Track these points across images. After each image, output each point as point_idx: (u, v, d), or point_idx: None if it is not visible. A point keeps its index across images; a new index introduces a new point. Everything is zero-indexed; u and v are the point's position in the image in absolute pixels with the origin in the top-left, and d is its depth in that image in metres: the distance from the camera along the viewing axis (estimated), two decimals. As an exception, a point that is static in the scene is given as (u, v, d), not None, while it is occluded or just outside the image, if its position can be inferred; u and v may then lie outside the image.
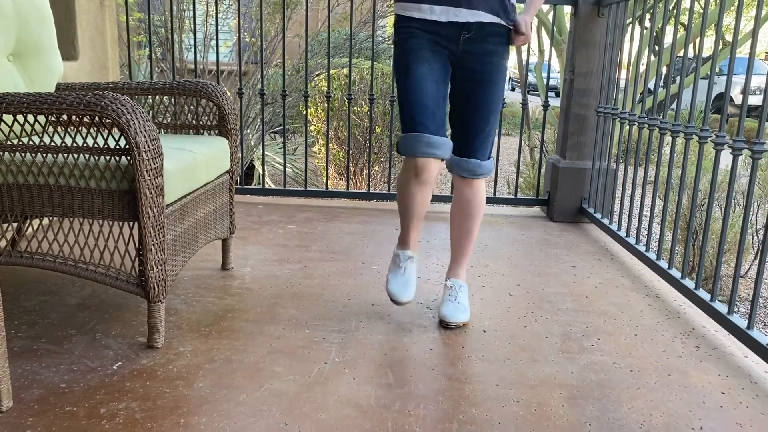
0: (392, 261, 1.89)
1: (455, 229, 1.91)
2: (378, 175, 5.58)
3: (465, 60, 1.72)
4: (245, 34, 6.63)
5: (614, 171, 2.81)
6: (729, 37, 14.15)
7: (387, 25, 9.15)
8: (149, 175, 1.50)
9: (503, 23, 1.71)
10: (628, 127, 2.61)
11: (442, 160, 1.72)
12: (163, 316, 1.62)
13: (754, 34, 1.77)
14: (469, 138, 1.78)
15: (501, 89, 1.76)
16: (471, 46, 1.70)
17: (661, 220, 2.27)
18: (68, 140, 1.53)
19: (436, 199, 3.21)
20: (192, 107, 2.11)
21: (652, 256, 2.31)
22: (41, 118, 1.83)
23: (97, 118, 1.48)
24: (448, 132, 1.77)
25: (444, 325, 1.83)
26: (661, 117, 2.27)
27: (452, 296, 1.88)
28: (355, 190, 3.38)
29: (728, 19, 13.95)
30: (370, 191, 3.34)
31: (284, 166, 3.29)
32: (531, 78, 15.15)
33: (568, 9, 3.27)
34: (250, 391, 1.45)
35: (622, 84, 2.76)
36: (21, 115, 1.54)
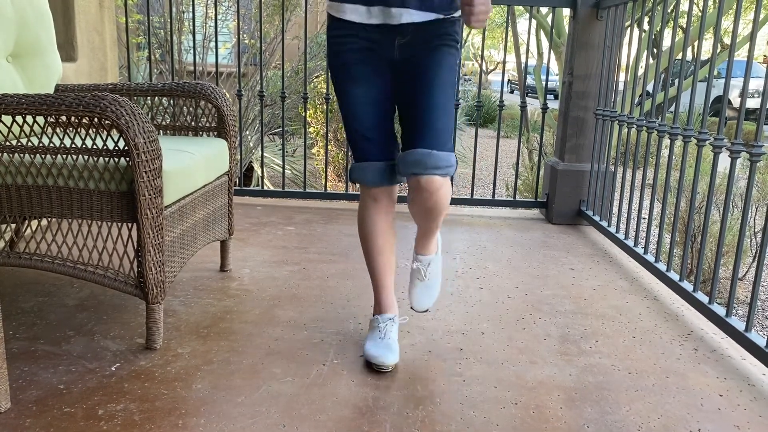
0: (370, 327, 1.69)
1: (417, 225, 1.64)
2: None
3: (405, 66, 1.50)
4: (244, 35, 6.63)
5: (613, 173, 2.81)
6: (727, 40, 14.17)
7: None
8: (148, 177, 1.50)
9: (442, 17, 1.47)
10: (626, 129, 2.62)
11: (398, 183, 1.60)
12: (161, 318, 1.62)
13: (752, 37, 1.77)
14: (413, 131, 1.47)
15: (448, 82, 1.48)
16: (409, 51, 1.49)
17: (659, 222, 2.28)
18: (67, 141, 1.53)
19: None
20: (191, 109, 2.11)
21: (651, 258, 2.31)
22: (40, 119, 1.83)
23: (96, 120, 1.48)
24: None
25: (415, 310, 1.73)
26: (660, 120, 2.28)
27: (419, 276, 1.70)
28: (354, 192, 3.38)
29: (726, 22, 13.98)
30: (369, 193, 3.33)
31: (283, 167, 3.29)
32: (530, 80, 15.16)
33: (567, 12, 3.28)
34: (248, 392, 1.45)
35: (621, 86, 2.76)
36: (20, 116, 1.54)
